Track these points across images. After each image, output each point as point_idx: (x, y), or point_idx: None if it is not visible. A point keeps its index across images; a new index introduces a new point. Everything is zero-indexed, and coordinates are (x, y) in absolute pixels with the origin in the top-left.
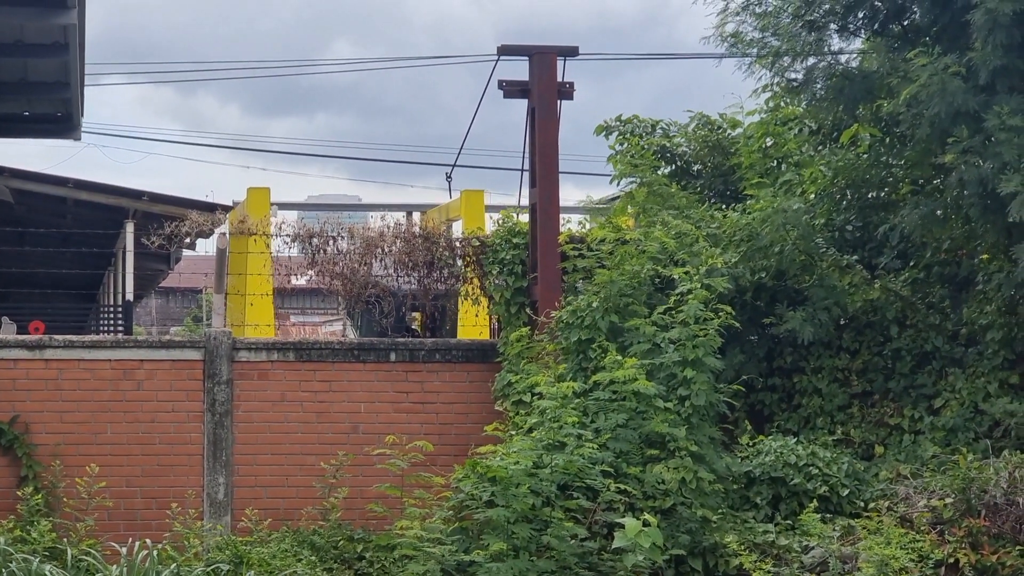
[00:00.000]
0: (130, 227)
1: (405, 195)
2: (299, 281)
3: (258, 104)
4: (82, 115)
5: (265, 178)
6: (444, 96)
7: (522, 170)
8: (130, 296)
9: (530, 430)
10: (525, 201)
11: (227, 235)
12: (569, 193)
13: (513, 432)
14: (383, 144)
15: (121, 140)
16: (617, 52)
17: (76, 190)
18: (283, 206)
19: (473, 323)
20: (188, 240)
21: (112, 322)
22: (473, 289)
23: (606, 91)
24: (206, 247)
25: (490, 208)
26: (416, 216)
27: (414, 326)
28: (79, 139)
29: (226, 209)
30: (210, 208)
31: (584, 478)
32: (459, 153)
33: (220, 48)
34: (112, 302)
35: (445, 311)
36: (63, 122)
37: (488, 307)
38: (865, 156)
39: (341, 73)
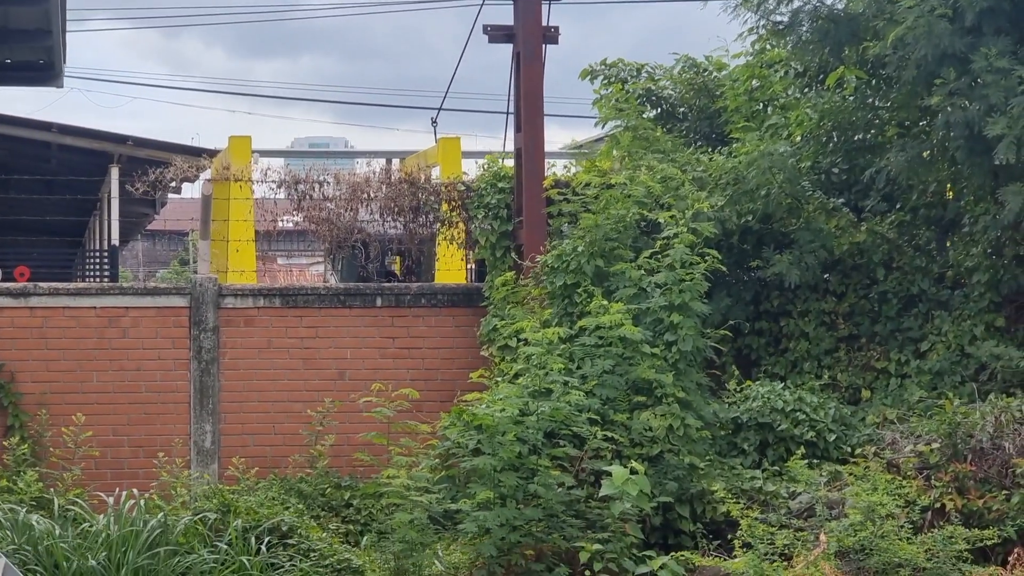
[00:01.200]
0: (115, 172)
1: (391, 138)
2: (286, 224)
3: (243, 46)
4: (64, 62)
5: (250, 121)
6: (429, 38)
7: (507, 113)
8: (116, 241)
9: (516, 376)
10: (510, 146)
11: (211, 181)
12: (554, 134)
13: (499, 379)
14: (368, 87)
15: (106, 84)
16: None
17: (60, 135)
18: (264, 153)
19: (458, 267)
20: (173, 185)
21: (98, 267)
22: (458, 233)
23: (592, 31)
24: (192, 191)
25: (467, 155)
26: (396, 163)
27: (393, 269)
28: (61, 86)
29: (212, 154)
30: (195, 153)
31: (571, 425)
32: (444, 98)
33: None
34: (98, 247)
35: (427, 255)
36: (45, 70)
37: (468, 252)
38: (851, 99)
39: (326, 17)
